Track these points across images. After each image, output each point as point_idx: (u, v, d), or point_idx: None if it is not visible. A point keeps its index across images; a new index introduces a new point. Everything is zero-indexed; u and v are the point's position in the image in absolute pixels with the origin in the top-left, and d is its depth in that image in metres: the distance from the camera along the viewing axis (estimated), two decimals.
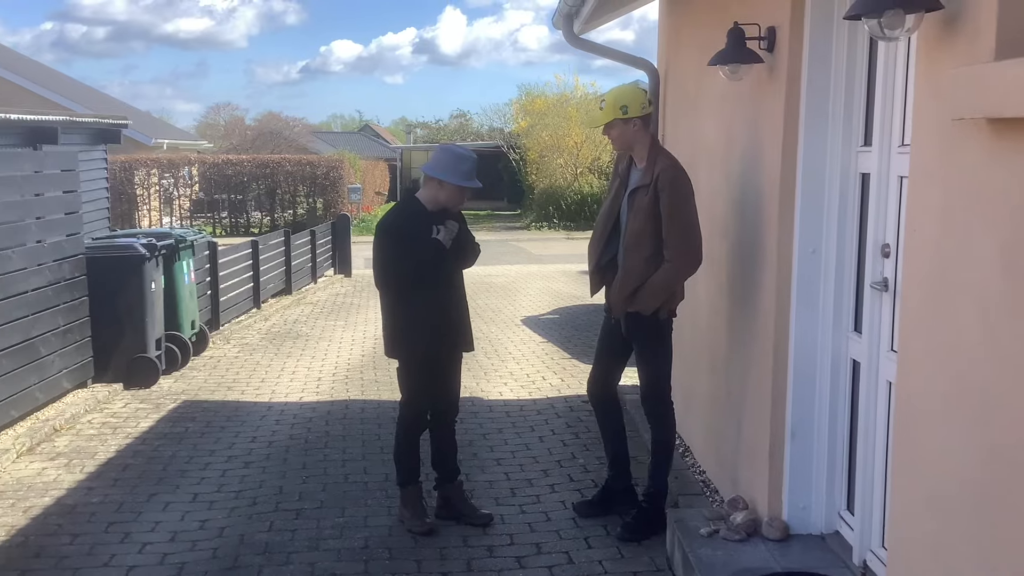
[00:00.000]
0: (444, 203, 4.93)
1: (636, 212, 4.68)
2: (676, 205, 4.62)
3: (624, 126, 4.73)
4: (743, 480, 4.82)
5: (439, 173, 4.87)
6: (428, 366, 4.99)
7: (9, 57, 32.84)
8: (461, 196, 4.96)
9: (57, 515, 5.25)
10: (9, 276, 6.70)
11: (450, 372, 5.15)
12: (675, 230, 4.61)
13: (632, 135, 4.76)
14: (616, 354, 5.05)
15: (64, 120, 9.93)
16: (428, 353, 4.95)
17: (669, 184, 4.61)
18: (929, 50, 2.84)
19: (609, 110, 4.74)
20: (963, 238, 2.61)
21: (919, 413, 2.93)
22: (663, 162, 4.70)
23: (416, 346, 4.91)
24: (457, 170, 4.88)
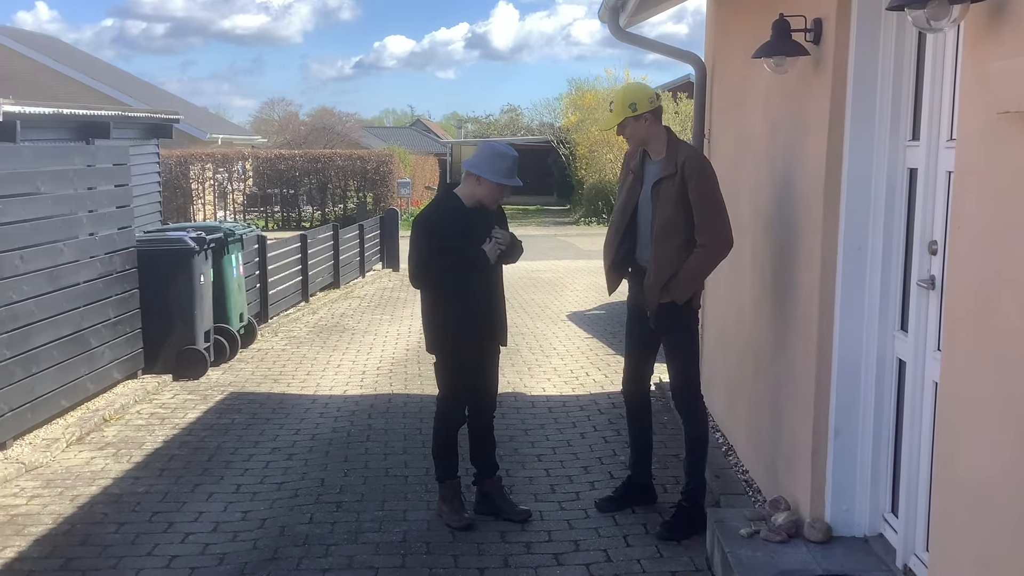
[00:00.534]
0: (482, 199, 4.92)
1: (664, 202, 4.67)
2: (706, 190, 4.65)
3: (636, 123, 4.75)
4: (785, 480, 4.74)
5: (478, 169, 4.87)
6: (466, 361, 4.99)
7: (69, 53, 33.56)
8: (500, 193, 4.95)
9: (103, 504, 5.34)
10: (60, 268, 6.83)
11: (488, 367, 5.14)
12: (707, 215, 4.63)
13: (646, 130, 4.77)
14: (647, 349, 5.05)
15: (116, 115, 10.10)
16: (465, 347, 4.94)
17: (697, 171, 4.65)
18: (975, 41, 2.76)
19: (619, 110, 4.75)
20: (1009, 234, 2.53)
21: (963, 414, 2.86)
22: (686, 150, 4.75)
23: (454, 340, 4.92)
24: (496, 167, 4.87)
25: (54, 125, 9.17)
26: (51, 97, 23.10)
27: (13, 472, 5.74)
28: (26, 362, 6.36)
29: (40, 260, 6.58)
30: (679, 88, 29.44)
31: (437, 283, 4.89)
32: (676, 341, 4.85)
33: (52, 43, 34.69)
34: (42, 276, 6.60)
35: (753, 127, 5.66)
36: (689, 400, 4.92)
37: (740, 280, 5.88)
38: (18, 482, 5.67)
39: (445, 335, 4.94)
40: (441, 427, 5.10)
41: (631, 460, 5.28)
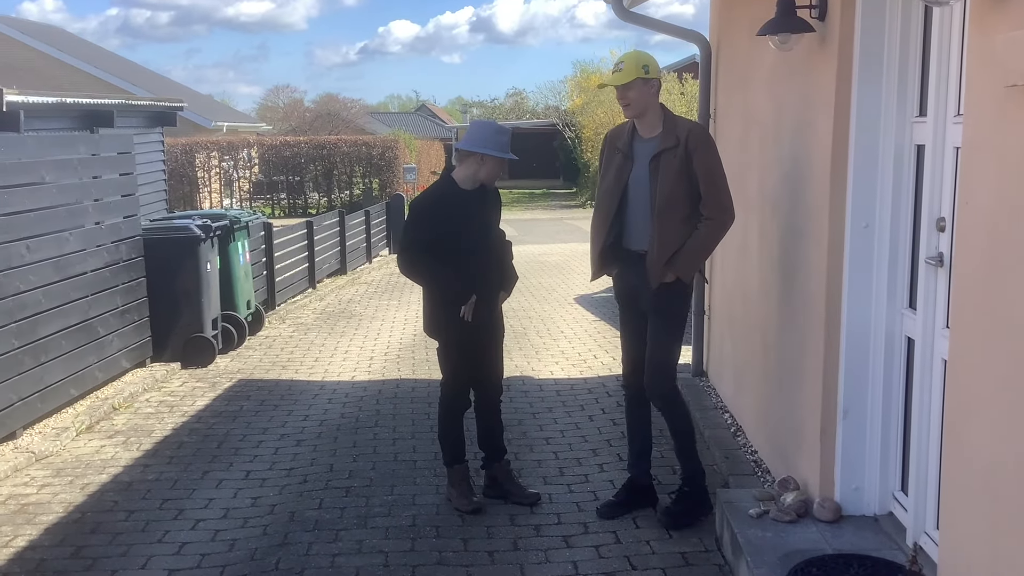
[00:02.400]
0: (484, 179, 4.88)
1: (665, 176, 4.51)
2: (712, 162, 4.54)
3: (644, 86, 4.56)
4: (794, 460, 4.73)
5: (479, 147, 4.81)
6: (466, 344, 4.95)
7: (73, 43, 33.54)
8: (500, 169, 4.92)
9: (114, 492, 5.35)
10: (67, 257, 6.83)
11: (491, 350, 5.11)
12: (713, 188, 4.52)
13: (650, 97, 4.60)
14: (640, 336, 4.78)
15: (120, 103, 10.09)
16: (463, 329, 4.88)
17: (703, 143, 4.53)
18: (982, 15, 2.72)
19: (631, 69, 4.54)
20: (1017, 210, 2.50)
21: (972, 392, 2.84)
22: (688, 123, 4.62)
23: (450, 323, 4.88)
24: (498, 142, 4.85)
25: (58, 114, 9.16)
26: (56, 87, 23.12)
27: (24, 461, 5.76)
28: (35, 351, 6.37)
29: (46, 249, 6.58)
30: (684, 69, 29.32)
31: (423, 277, 4.93)
32: (667, 324, 4.65)
33: (56, 33, 34.67)
34: (49, 265, 6.60)
35: (759, 105, 5.62)
36: (669, 388, 4.70)
37: (747, 260, 5.86)
38: (28, 471, 5.70)
39: (442, 317, 4.93)
40: (445, 412, 5.10)
41: (630, 459, 5.05)
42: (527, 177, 40.25)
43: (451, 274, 4.82)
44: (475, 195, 4.90)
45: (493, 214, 5.04)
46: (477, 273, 4.87)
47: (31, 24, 33.86)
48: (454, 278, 4.82)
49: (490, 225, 4.99)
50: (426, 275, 4.92)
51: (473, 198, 4.89)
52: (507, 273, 5.15)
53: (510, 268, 5.18)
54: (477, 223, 4.87)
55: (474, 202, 4.88)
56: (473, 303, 4.83)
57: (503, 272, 5.12)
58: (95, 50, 35.80)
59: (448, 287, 4.85)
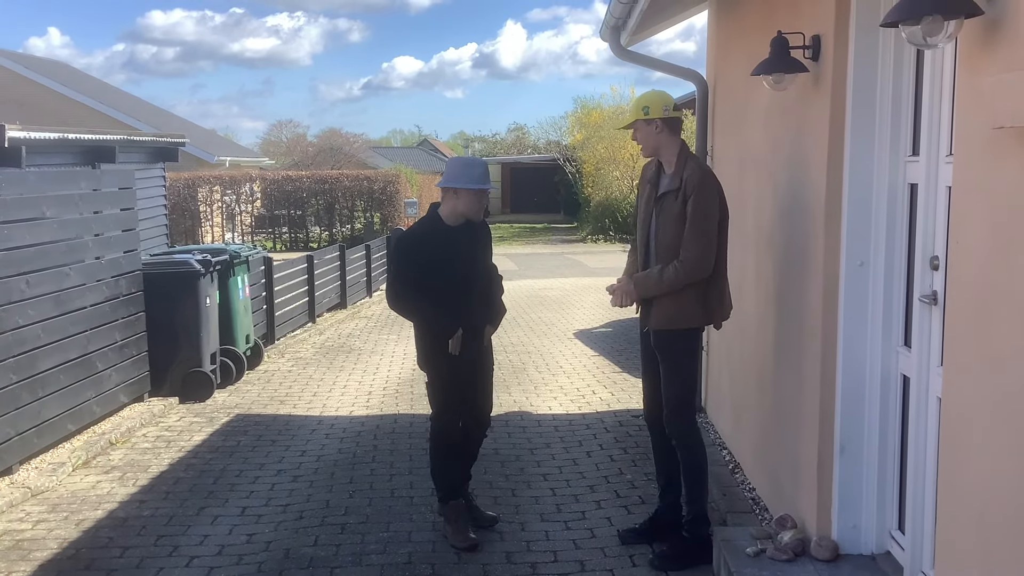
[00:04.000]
0: (464, 212, 4.98)
1: (666, 219, 4.59)
2: (698, 208, 4.49)
3: (646, 127, 4.66)
4: (791, 498, 4.71)
5: (452, 183, 4.93)
6: (457, 377, 5.00)
7: (77, 78, 33.81)
8: (479, 201, 4.99)
9: (109, 528, 5.33)
10: (67, 292, 6.85)
11: (480, 385, 5.19)
12: (692, 231, 4.49)
13: (656, 138, 4.67)
14: (657, 370, 4.83)
15: (122, 139, 10.16)
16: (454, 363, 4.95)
17: (696, 187, 4.51)
18: (970, 57, 2.76)
19: (632, 112, 4.75)
20: (1006, 250, 2.52)
21: (966, 430, 2.84)
22: (692, 166, 4.60)
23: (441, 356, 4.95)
24: (468, 175, 4.95)
25: (60, 150, 9.23)
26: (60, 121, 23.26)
27: (19, 497, 5.74)
28: (32, 386, 6.37)
29: (46, 284, 6.60)
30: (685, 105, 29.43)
31: (409, 312, 5.04)
32: (672, 364, 4.68)
33: (60, 68, 34.96)
34: (48, 300, 6.62)
35: (755, 144, 5.66)
36: (684, 427, 4.72)
37: (744, 297, 5.86)
38: (24, 507, 5.67)
39: (431, 351, 4.98)
40: (438, 445, 5.13)
41: (660, 490, 5.05)
42: (528, 211, 40.43)
43: (436, 308, 4.90)
44: (461, 230, 5.00)
45: (480, 249, 5.13)
46: (463, 307, 4.95)
47: (36, 59, 34.15)
48: (440, 312, 4.89)
49: (476, 260, 5.08)
50: (412, 309, 5.03)
51: (459, 233, 4.98)
52: (494, 307, 5.22)
53: (498, 302, 5.26)
54: (462, 258, 4.96)
55: (460, 237, 4.97)
56: (460, 336, 4.90)
57: (490, 306, 5.18)
58: (100, 85, 36.09)
59: (434, 321, 4.93)
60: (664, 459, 4.95)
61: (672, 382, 4.71)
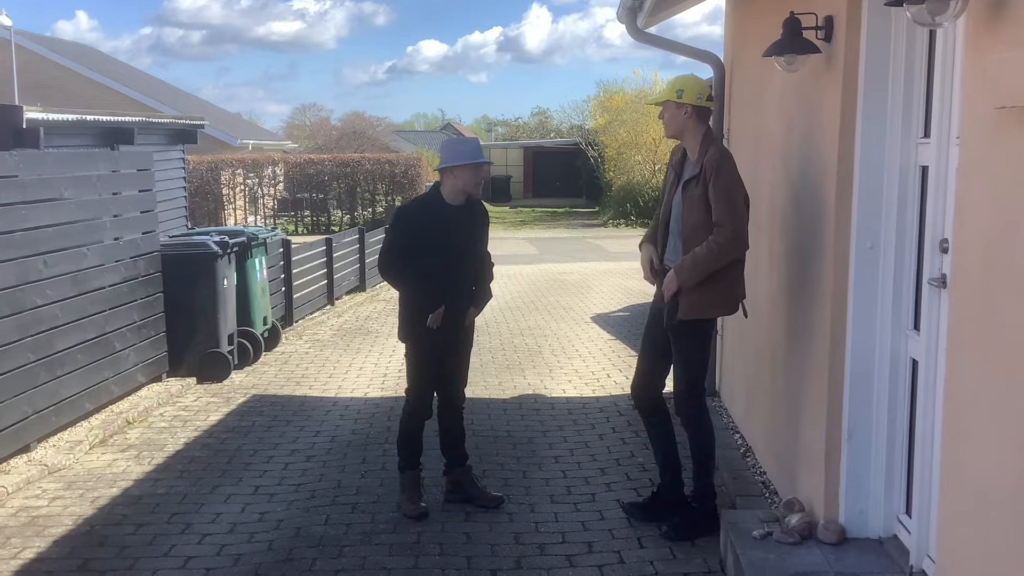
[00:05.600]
0: (463, 188, 5.09)
1: (690, 205, 4.65)
2: (721, 187, 4.53)
3: (676, 110, 4.67)
4: (800, 481, 4.70)
5: (448, 162, 5.07)
6: (433, 353, 5.12)
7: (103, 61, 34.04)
8: (476, 174, 5.12)
9: (123, 505, 5.40)
10: (85, 272, 6.91)
11: (457, 363, 5.30)
12: (721, 210, 4.53)
13: (683, 122, 4.69)
14: (660, 353, 4.91)
15: (140, 121, 10.22)
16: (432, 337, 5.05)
17: (715, 170, 4.55)
18: (977, 36, 2.72)
19: (666, 91, 4.74)
20: (1011, 231, 2.50)
21: (969, 414, 2.82)
22: (712, 151, 4.63)
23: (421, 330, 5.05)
24: (461, 152, 5.12)
25: (79, 132, 9.30)
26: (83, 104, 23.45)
27: (36, 474, 5.82)
28: (51, 365, 6.45)
29: (64, 264, 6.67)
30: None
31: (398, 282, 5.17)
32: (692, 349, 4.74)
33: (85, 51, 35.21)
34: (66, 280, 6.68)
35: (769, 126, 5.62)
36: (694, 408, 4.79)
37: (758, 280, 5.83)
38: (41, 484, 5.75)
39: (411, 324, 5.09)
40: (407, 418, 5.29)
41: (659, 469, 5.09)
42: (550, 196, 40.37)
43: (423, 281, 5.01)
44: (461, 210, 5.12)
45: (477, 230, 5.24)
46: (450, 284, 5.05)
47: (60, 42, 34.40)
48: (425, 286, 5.00)
49: (470, 240, 5.18)
50: (400, 280, 5.15)
51: (458, 212, 5.10)
52: (482, 290, 5.32)
53: (486, 286, 5.35)
54: (456, 236, 5.06)
55: (458, 216, 5.09)
56: (441, 313, 5.01)
57: (479, 289, 5.27)
58: (124, 68, 36.30)
59: (419, 293, 5.03)
60: (660, 439, 5.02)
61: (689, 366, 4.78)
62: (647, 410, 5.03)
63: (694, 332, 4.73)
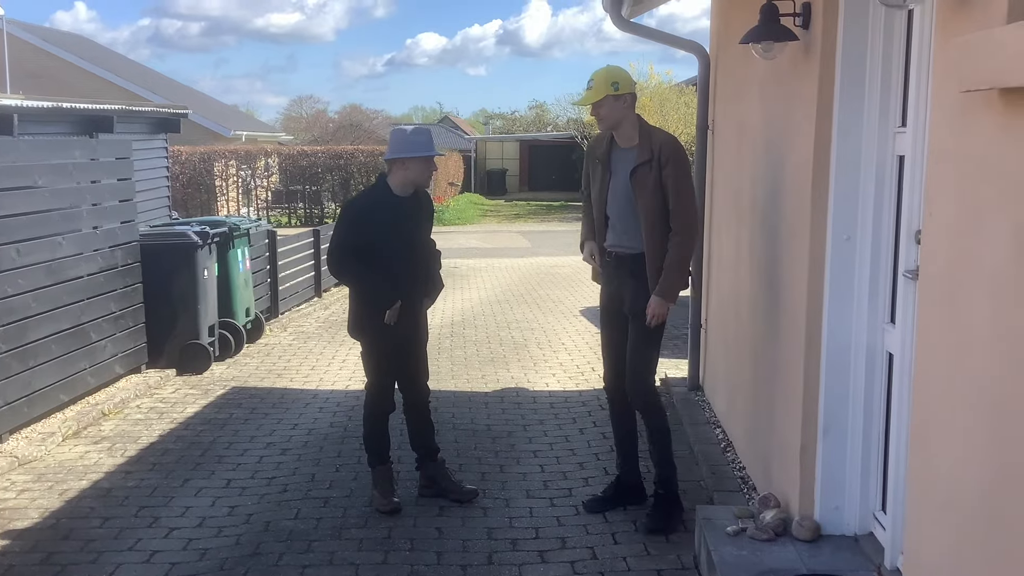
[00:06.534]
0: (415, 180, 4.96)
1: (643, 190, 4.62)
2: (681, 178, 4.61)
3: (615, 102, 4.66)
4: (776, 477, 4.63)
5: (399, 153, 4.90)
6: (388, 347, 5.02)
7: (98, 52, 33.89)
8: (427, 168, 4.99)
9: (91, 498, 5.31)
10: (60, 262, 6.82)
11: (415, 355, 5.22)
12: (682, 202, 4.60)
13: (622, 112, 4.69)
14: (624, 344, 4.90)
15: (120, 109, 10.10)
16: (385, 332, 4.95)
17: (674, 156, 4.59)
18: (946, 19, 2.64)
19: (600, 87, 4.66)
20: (976, 221, 2.41)
21: (937, 411, 2.74)
22: (662, 136, 4.70)
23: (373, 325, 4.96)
24: (415, 144, 4.93)
25: (56, 119, 9.18)
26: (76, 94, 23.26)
27: (5, 466, 5.74)
28: (23, 356, 6.36)
29: (38, 253, 6.57)
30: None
31: (349, 279, 5.07)
32: (650, 334, 4.75)
33: (79, 41, 35.04)
34: (40, 270, 6.59)
35: (751, 116, 5.54)
36: (651, 395, 4.86)
37: (739, 272, 5.76)
38: (10, 476, 5.67)
39: (366, 320, 4.98)
40: (369, 415, 5.19)
41: (618, 461, 5.17)
42: (546, 189, 40.22)
43: (377, 277, 4.91)
44: (408, 201, 4.99)
45: (423, 222, 5.13)
46: (402, 278, 4.96)
47: (55, 32, 34.24)
48: (380, 281, 4.90)
49: (417, 232, 5.07)
50: (352, 277, 5.04)
51: (406, 204, 4.97)
52: (433, 280, 5.24)
53: (437, 276, 5.28)
54: (406, 229, 4.95)
55: (406, 208, 4.97)
56: (398, 308, 4.91)
57: (430, 279, 5.20)
58: (119, 59, 36.16)
59: (373, 290, 4.93)
60: (624, 434, 5.09)
61: (647, 353, 4.80)
62: (619, 402, 5.05)
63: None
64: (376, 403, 5.14)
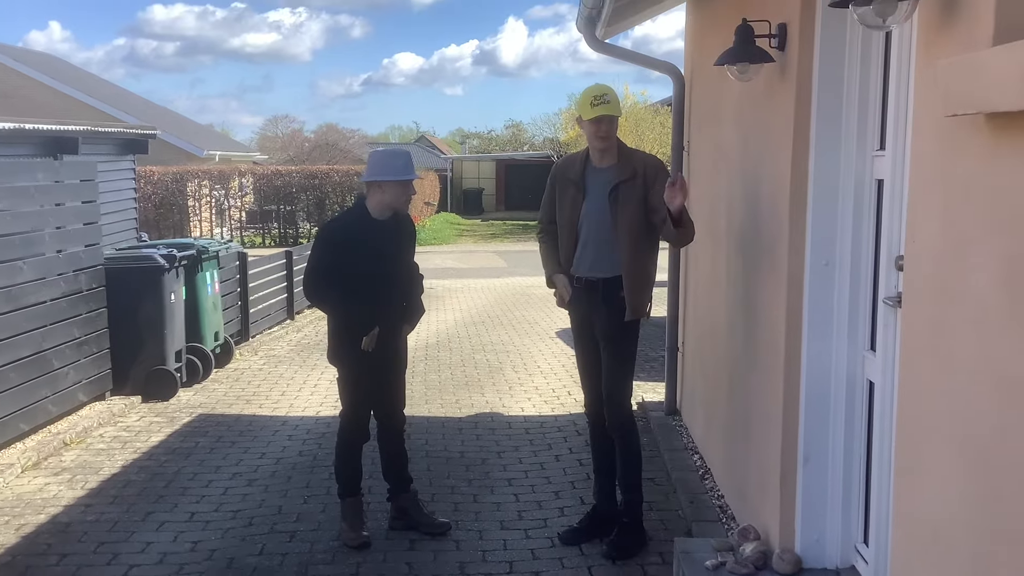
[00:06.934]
0: (391, 203, 4.82)
1: (625, 207, 4.55)
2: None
3: (614, 122, 4.66)
4: (755, 508, 4.51)
5: (376, 176, 4.77)
6: (365, 375, 4.88)
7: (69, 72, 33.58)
8: (404, 192, 4.83)
9: (49, 533, 5.12)
10: (20, 287, 6.63)
11: (393, 383, 5.09)
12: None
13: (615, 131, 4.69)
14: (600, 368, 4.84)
15: (85, 130, 9.91)
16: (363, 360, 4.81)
17: (660, 175, 4.56)
18: (928, 40, 2.54)
19: (617, 104, 4.62)
20: (960, 248, 2.31)
21: (920, 444, 2.63)
22: (642, 156, 4.69)
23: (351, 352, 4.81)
24: (392, 167, 4.79)
25: (19, 140, 8.98)
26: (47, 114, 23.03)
27: None
28: None
29: None
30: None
31: (324, 304, 4.92)
32: (626, 354, 4.70)
33: (51, 61, 34.73)
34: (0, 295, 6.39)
35: (727, 139, 5.46)
36: (627, 417, 4.78)
37: (716, 296, 5.67)
38: None
39: (343, 346, 4.84)
40: (342, 443, 5.02)
41: (595, 488, 5.05)
42: (522, 208, 40.14)
43: (353, 303, 4.75)
44: (387, 225, 4.85)
45: (404, 245, 4.99)
46: (381, 303, 4.82)
47: (26, 52, 33.93)
48: (356, 307, 4.74)
49: (398, 256, 4.93)
50: (328, 302, 4.88)
51: (384, 228, 4.83)
52: (413, 306, 5.09)
53: (417, 302, 5.12)
54: (385, 253, 4.81)
55: (385, 232, 4.83)
56: (375, 334, 4.76)
57: (410, 305, 5.06)
58: (92, 79, 35.87)
59: (349, 316, 4.78)
60: (607, 453, 4.94)
61: (625, 373, 4.75)
62: (600, 426, 4.94)
63: (633, 333, 4.73)
64: (350, 431, 4.97)
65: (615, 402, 4.73)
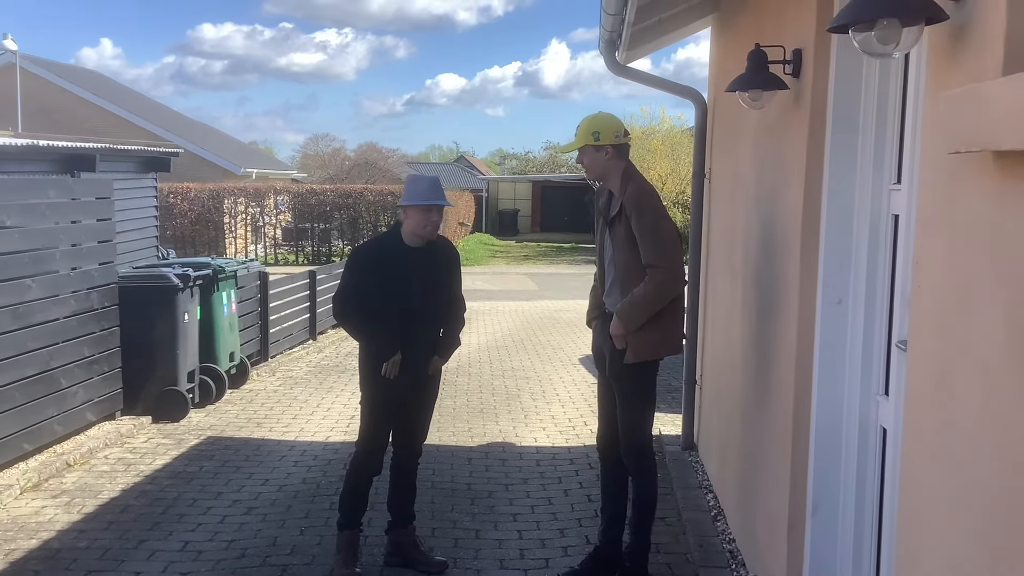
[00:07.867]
0: (412, 230, 4.65)
1: (618, 244, 4.39)
2: (645, 224, 4.29)
3: (595, 153, 4.43)
4: (763, 556, 4.29)
5: (402, 201, 4.68)
6: (387, 403, 4.72)
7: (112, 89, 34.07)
8: (426, 217, 4.63)
9: (38, 560, 5.00)
10: (28, 305, 6.56)
11: (415, 415, 4.91)
12: (647, 245, 4.27)
13: (604, 164, 4.45)
14: (614, 401, 4.63)
15: (103, 147, 9.89)
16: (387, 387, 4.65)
17: (634, 207, 4.31)
18: (937, 70, 2.35)
19: (581, 136, 4.44)
20: (966, 297, 2.11)
21: (924, 501, 2.41)
22: (630, 188, 4.39)
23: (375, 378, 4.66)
24: (413, 192, 4.65)
25: (35, 158, 8.97)
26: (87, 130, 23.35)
27: None
28: None
29: (4, 296, 6.31)
30: None
31: (351, 327, 4.77)
32: (628, 391, 4.47)
33: (94, 78, 35.26)
34: (6, 313, 6.33)
35: (744, 166, 5.27)
36: (639, 459, 4.52)
37: (732, 330, 5.46)
38: None
39: (367, 370, 4.71)
40: (353, 472, 4.85)
41: (601, 527, 4.82)
42: (557, 230, 40.06)
43: (378, 327, 4.61)
44: (420, 252, 4.69)
45: (438, 273, 4.79)
46: (406, 330, 4.65)
47: (69, 68, 34.46)
48: (380, 331, 4.61)
49: (431, 284, 4.74)
50: (353, 324, 4.75)
51: (416, 255, 4.67)
52: (448, 338, 4.91)
53: (454, 335, 4.93)
54: (414, 280, 4.64)
55: (417, 259, 4.67)
56: (397, 361, 4.60)
57: (446, 336, 4.88)
58: (134, 96, 36.37)
59: (372, 340, 4.65)
60: (617, 492, 4.73)
61: (634, 418, 4.49)
62: (610, 460, 4.74)
63: (640, 375, 4.46)
64: (363, 461, 4.80)
65: (627, 441, 4.51)
